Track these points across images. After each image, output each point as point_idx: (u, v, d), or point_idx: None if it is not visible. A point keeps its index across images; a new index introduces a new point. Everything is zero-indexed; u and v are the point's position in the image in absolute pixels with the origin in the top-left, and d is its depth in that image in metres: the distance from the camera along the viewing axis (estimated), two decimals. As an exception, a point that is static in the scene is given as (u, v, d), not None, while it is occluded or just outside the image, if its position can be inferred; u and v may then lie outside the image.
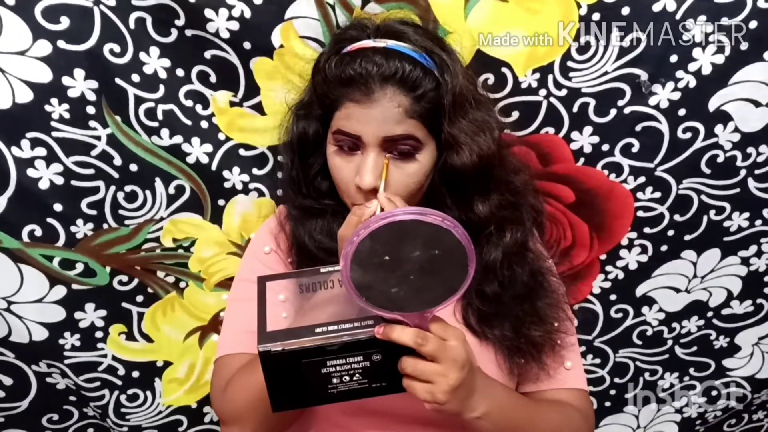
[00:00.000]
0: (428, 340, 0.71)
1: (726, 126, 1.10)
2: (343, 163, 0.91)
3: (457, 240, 0.66)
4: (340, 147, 0.91)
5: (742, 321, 1.32)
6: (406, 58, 0.88)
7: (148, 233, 1.15)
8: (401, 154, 0.89)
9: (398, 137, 0.87)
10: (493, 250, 0.95)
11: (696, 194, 1.16)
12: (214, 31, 1.02)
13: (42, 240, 1.08)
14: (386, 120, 0.86)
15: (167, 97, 1.06)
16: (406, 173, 0.90)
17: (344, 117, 0.88)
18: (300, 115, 0.99)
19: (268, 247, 1.03)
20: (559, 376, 0.99)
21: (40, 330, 1.14)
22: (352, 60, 0.88)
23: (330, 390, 0.74)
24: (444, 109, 0.90)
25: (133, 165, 1.09)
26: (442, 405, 0.73)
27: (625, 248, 1.22)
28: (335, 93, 0.89)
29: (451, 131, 0.90)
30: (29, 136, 1.02)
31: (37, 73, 0.99)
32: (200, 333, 1.26)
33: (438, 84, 0.89)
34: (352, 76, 0.87)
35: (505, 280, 0.96)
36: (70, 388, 1.23)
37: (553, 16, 1.03)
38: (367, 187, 0.87)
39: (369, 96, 0.86)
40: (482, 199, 0.94)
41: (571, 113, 1.10)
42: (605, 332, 1.31)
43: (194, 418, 1.33)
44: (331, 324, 0.72)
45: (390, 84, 0.86)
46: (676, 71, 1.05)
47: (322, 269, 0.78)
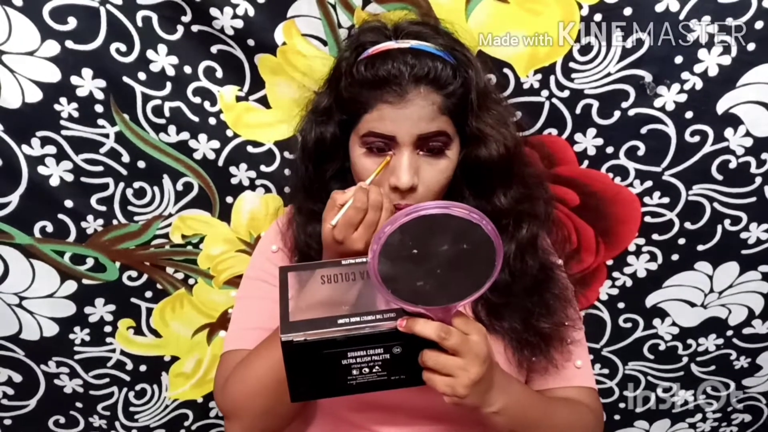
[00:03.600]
0: (451, 333, 0.71)
1: (736, 130, 1.06)
2: (374, 165, 0.91)
3: (485, 235, 0.67)
4: (369, 149, 0.91)
5: (765, 341, 1.26)
6: (435, 57, 0.89)
7: (157, 229, 1.17)
8: (432, 152, 0.90)
9: (432, 134, 0.88)
10: (508, 242, 0.95)
11: (708, 201, 1.12)
12: (219, 28, 1.04)
13: (53, 236, 1.12)
14: (420, 118, 0.87)
15: (174, 95, 1.09)
16: (438, 169, 0.90)
17: (376, 119, 0.88)
18: (317, 121, 0.99)
19: (275, 246, 1.05)
20: (570, 374, 0.99)
21: (51, 325, 1.17)
22: (383, 62, 0.88)
23: (349, 381, 0.74)
24: (470, 104, 0.92)
25: (141, 162, 1.11)
26: (462, 399, 0.73)
27: (633, 254, 1.18)
28: (365, 95, 0.89)
29: (478, 125, 0.92)
30: (39, 135, 1.05)
31: (46, 73, 1.02)
32: (209, 330, 1.27)
33: (464, 80, 0.91)
34: (384, 77, 0.87)
35: (517, 271, 0.96)
36: (77, 392, 1.25)
37: (554, 17, 1.02)
38: (405, 186, 0.88)
39: (403, 96, 0.87)
40: (504, 191, 0.95)
41: (573, 115, 1.08)
42: (613, 342, 1.28)
43: (200, 413, 1.34)
44: (354, 315, 0.72)
45: (423, 83, 0.87)
46: (682, 73, 1.03)
47: (344, 261, 0.78)
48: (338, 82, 0.95)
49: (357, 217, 0.83)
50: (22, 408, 1.25)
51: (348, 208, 0.82)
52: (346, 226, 0.83)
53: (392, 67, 0.87)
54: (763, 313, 1.23)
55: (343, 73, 0.94)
